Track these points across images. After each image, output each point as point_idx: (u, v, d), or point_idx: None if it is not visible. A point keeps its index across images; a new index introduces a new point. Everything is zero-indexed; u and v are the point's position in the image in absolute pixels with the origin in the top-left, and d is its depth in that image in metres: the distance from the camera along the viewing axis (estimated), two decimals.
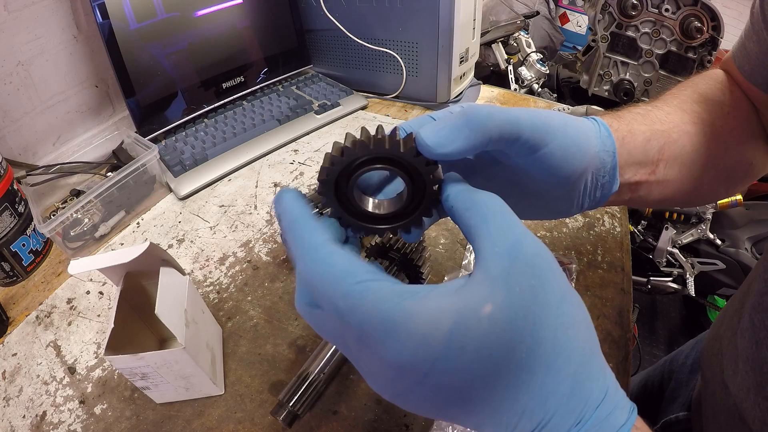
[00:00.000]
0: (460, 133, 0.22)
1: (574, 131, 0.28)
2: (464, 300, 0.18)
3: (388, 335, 0.18)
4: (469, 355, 0.18)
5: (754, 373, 0.33)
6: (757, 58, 0.37)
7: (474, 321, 0.18)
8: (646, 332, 1.69)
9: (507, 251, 0.19)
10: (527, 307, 0.18)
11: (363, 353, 0.19)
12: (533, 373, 0.18)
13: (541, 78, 1.79)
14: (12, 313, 0.57)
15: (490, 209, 0.21)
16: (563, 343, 0.19)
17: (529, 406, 0.19)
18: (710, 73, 0.42)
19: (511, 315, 0.18)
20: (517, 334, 0.18)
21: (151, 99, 0.77)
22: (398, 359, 0.18)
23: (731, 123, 0.38)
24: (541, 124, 0.25)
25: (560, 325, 0.19)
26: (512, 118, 0.24)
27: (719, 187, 0.39)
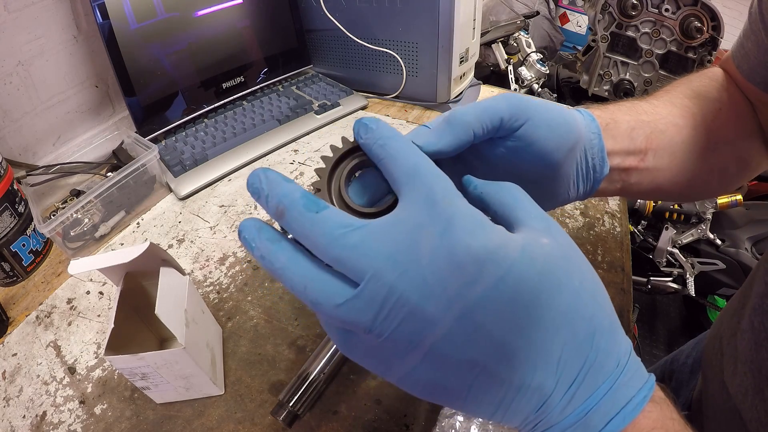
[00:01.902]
0: (444, 133, 0.25)
1: (555, 107, 0.30)
2: (524, 234, 0.21)
3: (479, 227, 0.19)
4: (539, 268, 0.19)
5: (752, 374, 0.33)
6: (755, 58, 0.37)
7: (538, 245, 0.20)
8: (646, 332, 1.69)
9: (543, 218, 0.22)
10: (572, 252, 0.22)
11: (441, 246, 0.18)
12: (585, 303, 0.20)
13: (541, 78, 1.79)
14: (12, 313, 0.57)
15: (516, 191, 0.24)
16: (600, 288, 0.22)
17: (577, 338, 0.20)
18: (707, 71, 0.42)
19: (563, 252, 0.21)
20: (571, 265, 0.21)
21: (151, 99, 0.77)
22: (484, 248, 0.18)
23: (724, 119, 0.38)
24: (518, 102, 0.28)
25: (593, 274, 0.22)
26: (488, 106, 0.27)
27: (712, 182, 0.40)
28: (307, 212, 0.20)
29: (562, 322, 0.19)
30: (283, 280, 0.20)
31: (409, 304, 0.18)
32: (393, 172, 0.21)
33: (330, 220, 0.19)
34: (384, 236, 0.19)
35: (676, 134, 0.36)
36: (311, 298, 0.19)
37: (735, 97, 0.39)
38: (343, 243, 0.19)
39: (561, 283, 0.20)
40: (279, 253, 0.20)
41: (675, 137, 0.36)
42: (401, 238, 0.19)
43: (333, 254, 0.19)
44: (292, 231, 0.20)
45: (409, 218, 0.19)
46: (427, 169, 0.20)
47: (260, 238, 0.21)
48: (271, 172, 0.21)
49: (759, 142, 0.40)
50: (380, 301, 0.18)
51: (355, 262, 0.19)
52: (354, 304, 0.19)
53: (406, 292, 0.18)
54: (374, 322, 0.19)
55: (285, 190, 0.20)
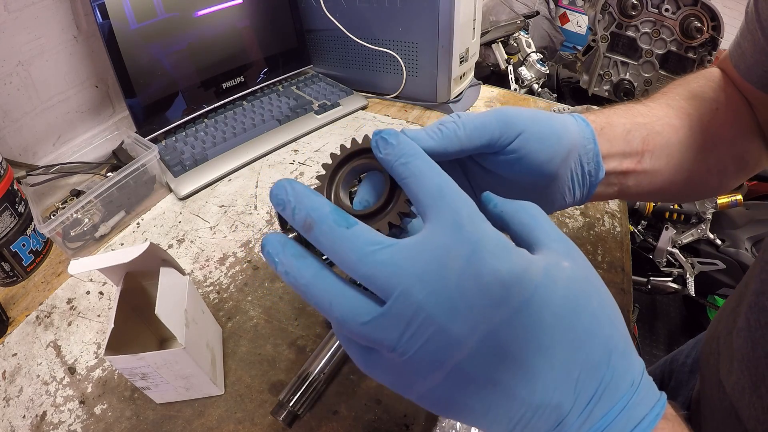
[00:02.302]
0: (434, 135, 0.26)
1: (546, 118, 0.30)
2: (545, 256, 0.21)
3: (505, 251, 0.19)
4: (561, 291, 0.20)
5: (749, 372, 0.33)
6: (752, 57, 0.37)
7: (559, 268, 0.21)
8: (646, 332, 1.69)
9: (562, 239, 0.23)
10: (591, 274, 0.22)
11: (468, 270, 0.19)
12: (602, 324, 0.21)
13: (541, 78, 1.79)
14: (12, 313, 0.57)
15: (535, 210, 0.25)
16: (616, 311, 0.22)
17: (595, 358, 0.20)
18: (704, 72, 0.42)
19: (583, 272, 0.22)
20: (590, 287, 0.21)
21: (151, 99, 0.77)
22: (509, 272, 0.19)
23: (721, 119, 0.38)
24: (508, 119, 0.28)
25: (609, 297, 0.22)
26: (479, 124, 0.28)
27: (711, 182, 0.40)
28: (337, 227, 0.20)
29: (582, 343, 0.20)
30: (307, 296, 0.20)
31: (435, 324, 0.18)
32: (417, 192, 0.21)
33: (361, 236, 0.19)
34: (413, 256, 0.19)
35: (673, 135, 0.36)
36: (337, 315, 0.20)
37: (732, 97, 0.39)
38: (372, 260, 0.19)
39: (581, 306, 0.20)
40: (304, 269, 0.20)
41: (672, 138, 0.36)
42: (430, 259, 0.19)
43: (362, 271, 0.19)
44: (320, 245, 0.20)
45: (438, 240, 0.19)
46: (452, 191, 0.20)
47: (284, 254, 0.21)
48: (297, 184, 0.21)
49: (757, 141, 0.40)
50: (407, 320, 0.19)
51: (384, 279, 0.19)
52: (380, 321, 0.19)
53: (433, 311, 0.18)
54: (399, 340, 0.19)
55: (314, 203, 0.20)
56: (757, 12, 0.36)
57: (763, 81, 0.37)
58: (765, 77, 0.37)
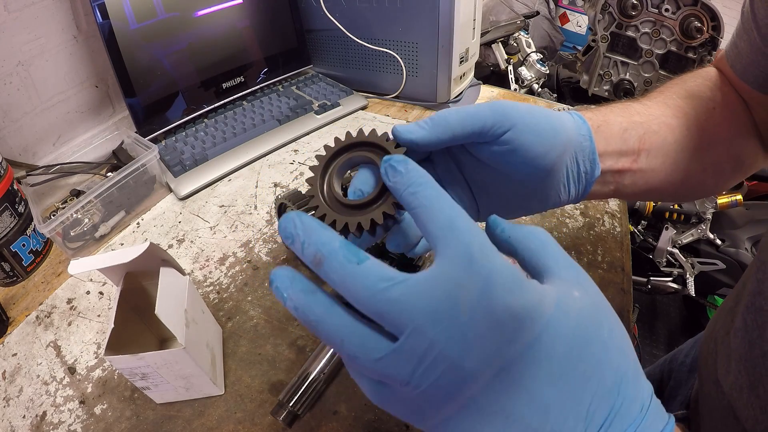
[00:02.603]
0: (425, 125, 0.27)
1: (541, 112, 0.30)
2: (556, 286, 0.22)
3: (517, 285, 0.19)
4: (572, 323, 0.20)
5: (747, 372, 0.33)
6: (748, 57, 0.37)
7: (570, 299, 0.21)
8: (646, 332, 1.69)
9: (571, 266, 0.23)
10: (600, 302, 0.23)
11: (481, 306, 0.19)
12: (612, 354, 0.21)
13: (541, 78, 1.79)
14: (12, 313, 0.57)
15: (544, 236, 0.25)
16: (625, 339, 0.22)
17: (606, 386, 0.20)
18: (701, 71, 0.42)
19: (593, 302, 0.22)
20: (600, 317, 0.22)
21: (152, 99, 0.77)
22: (522, 307, 0.19)
23: (718, 118, 0.38)
24: (502, 109, 0.28)
25: (619, 324, 0.23)
26: (472, 111, 0.28)
27: (707, 181, 0.40)
28: (347, 263, 0.19)
29: (593, 373, 0.20)
30: (317, 332, 0.20)
31: (448, 360, 0.18)
32: (427, 224, 0.20)
33: (371, 272, 0.19)
34: (425, 292, 0.19)
35: (669, 134, 0.36)
36: (348, 352, 0.19)
37: (729, 96, 0.39)
38: (384, 297, 0.19)
39: (592, 336, 0.21)
40: (314, 305, 0.20)
41: (668, 137, 0.36)
42: (442, 295, 0.19)
43: (374, 308, 0.19)
44: (331, 281, 0.20)
45: (449, 275, 0.19)
46: (462, 224, 0.20)
47: (293, 289, 0.20)
48: (306, 218, 0.21)
49: (754, 141, 0.40)
50: (420, 355, 0.18)
51: (396, 316, 0.19)
52: (393, 358, 0.19)
53: (446, 347, 0.18)
54: (413, 375, 0.19)
55: (324, 238, 0.20)
56: (753, 12, 0.36)
57: (759, 81, 0.37)
58: (761, 77, 0.37)
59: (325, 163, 0.27)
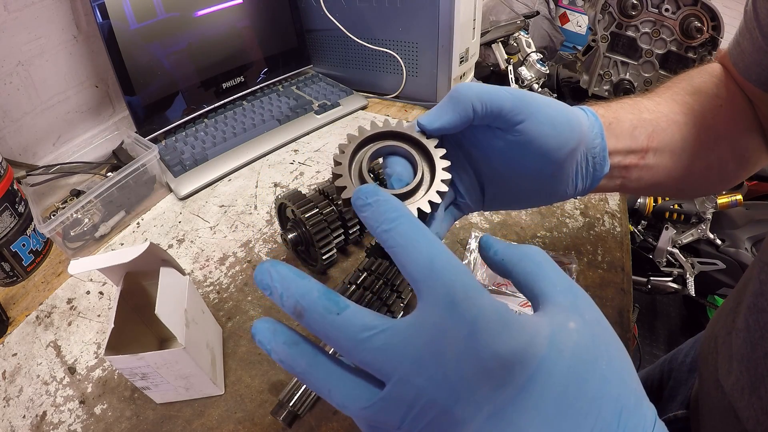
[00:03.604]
0: (446, 109, 0.27)
1: (558, 105, 0.30)
2: (550, 319, 0.21)
3: (504, 327, 0.19)
4: (567, 360, 0.20)
5: (748, 373, 0.33)
6: (750, 56, 0.37)
7: (565, 332, 0.20)
8: (646, 332, 1.69)
9: (568, 290, 0.22)
10: (599, 329, 0.22)
11: (468, 350, 0.18)
12: (612, 385, 0.20)
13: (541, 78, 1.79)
14: (12, 313, 0.57)
15: (541, 258, 0.24)
16: (626, 364, 0.21)
17: (605, 420, 0.19)
18: (707, 67, 0.42)
19: (590, 332, 0.21)
20: (598, 348, 0.21)
21: (152, 99, 0.77)
22: (510, 351, 0.18)
23: (724, 115, 0.38)
24: (521, 96, 0.28)
25: (620, 350, 0.22)
26: (492, 90, 0.27)
27: (711, 178, 0.40)
28: (327, 314, 0.19)
29: (591, 409, 0.20)
30: (305, 382, 0.20)
31: (438, 407, 0.18)
32: (406, 265, 0.20)
33: (353, 323, 0.19)
34: (409, 339, 0.18)
35: (677, 132, 0.36)
36: (336, 402, 0.20)
37: (734, 93, 0.39)
38: (367, 347, 0.19)
39: (589, 371, 0.20)
40: (298, 357, 0.20)
41: (675, 135, 0.36)
42: (426, 342, 0.18)
43: (358, 357, 0.19)
44: (314, 332, 0.19)
45: (432, 321, 0.19)
46: (443, 264, 0.19)
47: (276, 342, 0.20)
48: (281, 267, 0.20)
49: (758, 138, 0.40)
50: (408, 403, 0.18)
51: (380, 365, 0.18)
52: (381, 406, 0.19)
53: (434, 395, 0.18)
54: (402, 422, 0.19)
55: (302, 289, 0.19)
56: (755, 11, 0.36)
57: (762, 79, 0.37)
58: (763, 75, 0.37)
59: (351, 153, 0.27)
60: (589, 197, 0.67)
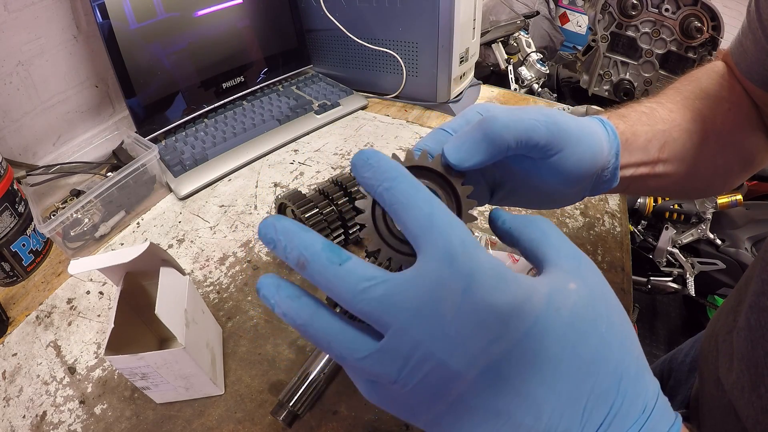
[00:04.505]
0: (479, 148, 0.25)
1: (589, 139, 0.29)
2: (550, 279, 0.21)
3: (502, 282, 0.19)
4: (565, 318, 0.20)
5: (749, 372, 0.33)
6: (753, 56, 0.37)
7: (564, 292, 0.20)
8: (646, 332, 1.69)
9: (573, 255, 0.23)
10: (600, 293, 0.22)
11: (465, 303, 0.18)
12: (611, 349, 0.20)
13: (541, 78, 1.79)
14: (12, 313, 0.57)
15: (546, 225, 0.24)
16: (628, 331, 0.21)
17: (603, 385, 0.20)
18: (712, 66, 0.42)
19: (590, 294, 0.21)
20: (598, 310, 0.21)
21: (152, 99, 0.77)
22: (507, 304, 0.19)
23: (732, 119, 0.38)
24: (557, 131, 0.27)
25: (623, 316, 0.22)
26: (529, 127, 0.26)
27: (717, 181, 0.40)
28: (330, 265, 0.19)
29: (588, 371, 0.20)
30: (306, 335, 0.20)
31: (433, 359, 0.18)
32: (406, 221, 0.20)
33: (353, 272, 0.19)
34: (408, 291, 0.19)
35: (688, 140, 0.36)
36: (336, 353, 0.20)
37: (739, 94, 0.40)
38: (366, 297, 0.19)
39: (588, 332, 0.20)
40: (300, 310, 0.20)
41: (686, 143, 0.36)
42: (424, 294, 0.19)
43: (358, 308, 0.19)
44: (316, 283, 0.20)
45: (431, 273, 0.19)
46: (443, 220, 0.20)
47: (280, 296, 0.20)
48: (285, 221, 0.21)
49: (763, 138, 0.40)
50: (404, 355, 0.19)
51: (378, 315, 0.19)
52: (378, 357, 0.19)
53: (430, 347, 0.18)
54: (399, 374, 0.19)
55: (306, 241, 0.20)
56: (758, 12, 0.36)
57: (764, 79, 0.37)
58: (765, 75, 0.37)
59: None
60: (589, 197, 0.67)
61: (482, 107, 0.29)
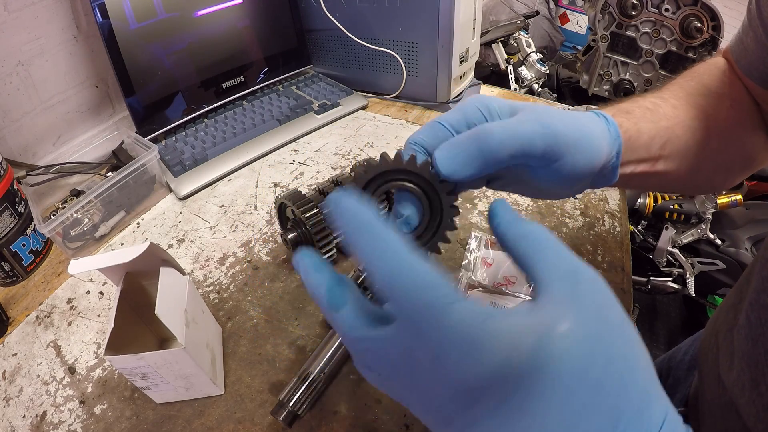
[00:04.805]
0: (472, 162, 0.24)
1: (588, 144, 0.28)
2: (539, 320, 0.18)
3: (474, 350, 0.18)
4: (552, 375, 0.18)
5: (749, 369, 0.33)
6: (754, 53, 0.37)
7: (552, 340, 0.18)
8: (646, 332, 1.69)
9: (568, 276, 0.20)
10: (597, 327, 0.19)
11: (435, 373, 0.18)
12: (606, 394, 0.18)
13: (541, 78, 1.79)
14: (12, 313, 0.57)
15: (543, 238, 0.22)
16: (631, 364, 0.19)
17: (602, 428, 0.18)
18: (713, 61, 0.42)
19: (584, 333, 0.18)
20: (592, 353, 0.18)
21: (151, 99, 0.77)
22: (478, 379, 0.17)
23: (734, 116, 0.38)
24: (555, 143, 0.26)
25: (626, 344, 0.19)
26: (525, 143, 0.25)
27: (718, 178, 0.41)
28: (329, 309, 0.22)
29: (579, 421, 0.18)
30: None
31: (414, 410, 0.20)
32: (370, 276, 0.20)
33: (345, 323, 0.21)
34: (384, 350, 0.20)
35: (690, 138, 0.36)
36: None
37: (740, 92, 0.39)
38: (355, 347, 0.22)
39: (579, 379, 0.18)
40: None
41: (689, 141, 0.36)
42: (398, 358, 0.19)
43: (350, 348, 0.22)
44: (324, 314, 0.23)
45: (401, 340, 0.19)
46: (404, 281, 0.19)
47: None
48: (306, 259, 0.23)
49: (763, 137, 0.40)
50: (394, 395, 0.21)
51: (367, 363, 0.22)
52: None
53: (408, 401, 0.20)
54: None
55: (313, 282, 0.22)
56: (759, 10, 0.36)
57: (764, 77, 0.37)
58: (765, 73, 0.37)
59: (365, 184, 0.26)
60: (589, 197, 0.67)
61: (482, 102, 0.29)
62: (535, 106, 0.28)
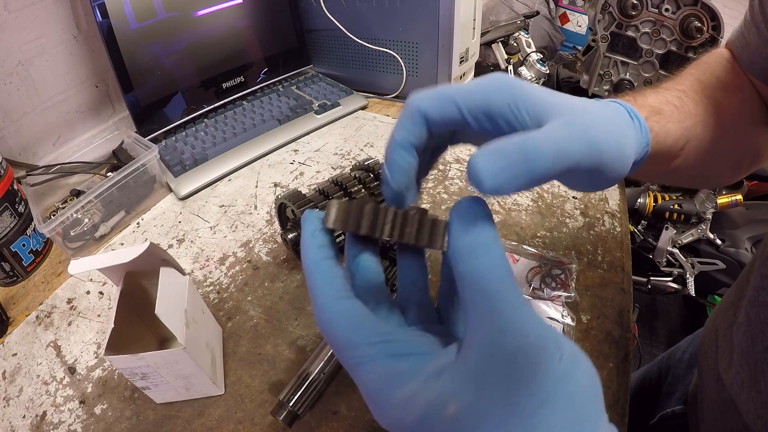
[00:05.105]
0: (517, 181, 0.19)
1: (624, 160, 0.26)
2: (435, 392, 0.18)
3: (374, 405, 0.20)
4: None
5: (748, 367, 0.33)
6: (756, 49, 0.37)
7: (437, 419, 0.18)
8: (646, 332, 1.69)
9: (488, 342, 0.18)
10: (494, 413, 0.17)
11: None
12: None
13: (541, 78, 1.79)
14: (12, 313, 0.57)
15: (487, 283, 0.18)
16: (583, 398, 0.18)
17: None
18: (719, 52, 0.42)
19: (474, 419, 0.17)
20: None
21: (151, 99, 0.77)
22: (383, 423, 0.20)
23: (746, 112, 0.38)
24: (599, 163, 0.23)
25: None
26: (572, 164, 0.21)
27: (726, 172, 0.41)
28: None
29: None
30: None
31: None
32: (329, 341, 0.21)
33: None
34: None
35: (708, 134, 0.36)
36: None
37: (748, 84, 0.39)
38: None
39: None
40: None
41: (706, 138, 0.36)
42: None
43: None
44: None
45: None
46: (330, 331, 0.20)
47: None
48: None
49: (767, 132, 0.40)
50: None
51: None
52: None
53: None
54: None
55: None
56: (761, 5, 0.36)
57: (766, 73, 0.37)
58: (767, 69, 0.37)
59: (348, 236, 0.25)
60: (590, 197, 0.67)
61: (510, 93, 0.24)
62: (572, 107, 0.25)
